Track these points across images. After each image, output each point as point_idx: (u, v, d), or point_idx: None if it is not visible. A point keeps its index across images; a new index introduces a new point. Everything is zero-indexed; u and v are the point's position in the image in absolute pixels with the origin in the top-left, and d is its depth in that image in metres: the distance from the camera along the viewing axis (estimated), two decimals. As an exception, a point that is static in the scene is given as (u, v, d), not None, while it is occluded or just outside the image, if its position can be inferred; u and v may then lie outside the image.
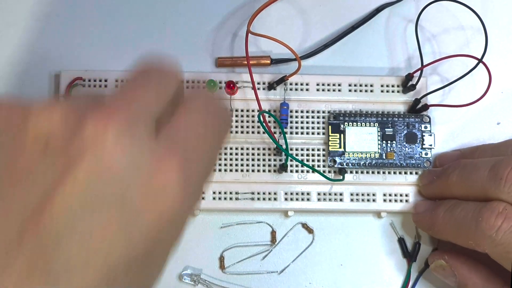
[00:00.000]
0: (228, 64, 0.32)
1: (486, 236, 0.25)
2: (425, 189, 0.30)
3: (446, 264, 0.29)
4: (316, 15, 0.33)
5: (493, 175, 0.26)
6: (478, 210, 0.26)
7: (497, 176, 0.26)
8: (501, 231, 0.25)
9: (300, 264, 0.31)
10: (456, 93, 0.32)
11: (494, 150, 0.29)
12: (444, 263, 0.29)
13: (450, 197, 0.29)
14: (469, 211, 0.27)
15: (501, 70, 0.33)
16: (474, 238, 0.26)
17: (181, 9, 0.33)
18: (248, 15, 0.33)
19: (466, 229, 0.26)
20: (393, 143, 0.31)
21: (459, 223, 0.27)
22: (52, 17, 0.33)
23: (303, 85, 0.32)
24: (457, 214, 0.27)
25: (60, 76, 0.31)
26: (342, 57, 0.33)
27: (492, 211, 0.25)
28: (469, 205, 0.27)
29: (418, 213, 0.30)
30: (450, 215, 0.28)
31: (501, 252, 0.25)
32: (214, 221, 0.31)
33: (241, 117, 0.31)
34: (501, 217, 0.25)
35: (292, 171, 0.31)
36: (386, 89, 0.32)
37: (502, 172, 0.26)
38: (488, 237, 0.25)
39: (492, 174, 0.26)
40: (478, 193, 0.27)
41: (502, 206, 0.26)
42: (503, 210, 0.25)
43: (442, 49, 0.33)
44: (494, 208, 0.26)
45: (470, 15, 0.31)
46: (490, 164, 0.27)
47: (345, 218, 0.31)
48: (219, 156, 0.31)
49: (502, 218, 0.25)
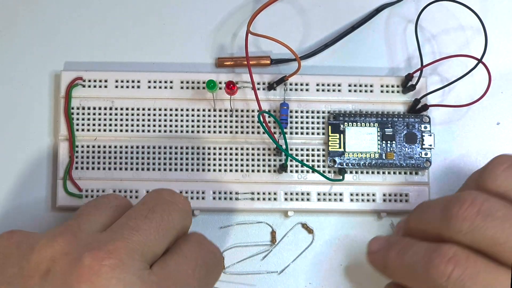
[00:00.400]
0: (228, 64, 0.32)
1: (437, 284, 0.24)
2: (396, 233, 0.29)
3: None
4: (316, 15, 0.33)
5: (445, 213, 0.25)
6: (428, 255, 0.24)
7: (447, 215, 0.25)
8: (452, 279, 0.23)
9: (300, 264, 0.31)
10: (456, 93, 0.32)
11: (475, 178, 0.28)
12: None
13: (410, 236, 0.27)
14: (420, 255, 0.25)
15: (501, 70, 0.33)
16: (426, 285, 0.25)
17: (181, 9, 0.33)
18: (248, 15, 0.33)
19: (418, 275, 0.25)
20: (393, 143, 0.31)
21: (410, 268, 0.25)
22: (52, 17, 0.33)
23: (303, 85, 0.32)
24: (408, 258, 0.26)
25: (60, 76, 0.31)
26: (342, 57, 0.33)
27: (443, 257, 0.24)
28: (421, 247, 0.25)
29: (371, 253, 0.28)
30: (401, 258, 0.26)
31: None
32: (214, 221, 0.31)
33: (241, 117, 0.31)
34: (451, 264, 0.23)
35: (292, 171, 0.31)
36: (386, 89, 0.32)
37: (451, 210, 0.24)
38: (439, 285, 0.24)
39: (444, 212, 0.25)
40: (433, 233, 0.26)
41: (452, 250, 0.24)
42: (453, 255, 0.24)
43: (442, 49, 0.33)
44: (445, 254, 0.24)
45: (470, 15, 0.31)
46: (443, 202, 0.26)
47: (345, 218, 0.31)
48: (219, 157, 0.31)
49: (452, 265, 0.23)
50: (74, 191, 0.30)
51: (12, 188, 0.31)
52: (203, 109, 0.31)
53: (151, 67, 0.32)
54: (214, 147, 0.31)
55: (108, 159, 0.31)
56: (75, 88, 0.31)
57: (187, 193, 0.31)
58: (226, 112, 0.31)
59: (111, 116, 0.31)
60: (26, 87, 0.32)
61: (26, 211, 0.31)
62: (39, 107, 0.32)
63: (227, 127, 0.31)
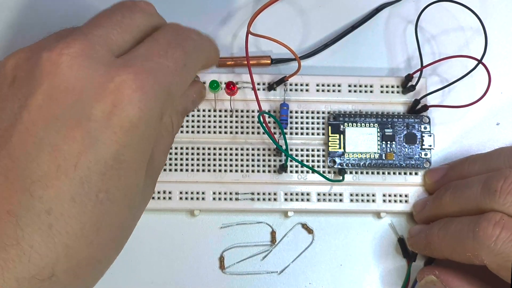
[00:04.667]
0: (228, 64, 0.32)
1: (485, 246, 0.25)
2: (420, 216, 0.30)
3: (437, 280, 0.28)
4: (316, 15, 0.33)
5: (487, 189, 0.26)
6: (474, 222, 0.26)
7: (490, 190, 0.26)
8: (500, 240, 0.24)
9: (300, 264, 0.31)
10: (455, 94, 0.32)
11: (484, 160, 0.29)
12: (435, 278, 0.28)
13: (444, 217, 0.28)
14: (465, 224, 0.26)
15: (500, 70, 0.33)
16: (472, 249, 0.25)
17: (181, 9, 0.33)
18: (248, 15, 0.33)
19: (463, 241, 0.26)
20: (392, 143, 0.31)
21: (455, 237, 0.26)
22: (53, 17, 0.33)
23: (303, 86, 0.32)
24: (452, 228, 0.27)
25: (60, 77, 0.31)
26: (342, 57, 0.33)
27: (489, 221, 0.25)
28: (464, 219, 0.27)
29: (413, 236, 0.30)
30: (445, 231, 0.27)
31: (500, 261, 0.25)
32: (214, 221, 0.31)
33: (241, 117, 0.31)
34: (498, 227, 0.25)
35: (292, 171, 0.31)
36: (385, 89, 0.32)
37: (495, 185, 0.26)
38: (487, 247, 0.25)
39: (485, 189, 0.26)
40: (472, 209, 0.26)
41: (498, 216, 0.25)
42: (500, 220, 0.25)
43: (442, 49, 0.33)
44: (491, 218, 0.25)
45: (469, 16, 0.31)
46: (482, 180, 0.26)
47: (345, 218, 0.31)
48: (219, 157, 0.31)
49: (500, 227, 0.25)
50: (74, 191, 0.30)
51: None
52: (203, 109, 0.31)
53: (151, 67, 0.32)
54: (214, 147, 0.31)
55: (108, 159, 0.31)
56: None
57: (187, 193, 0.31)
58: (226, 112, 0.31)
59: (111, 117, 0.31)
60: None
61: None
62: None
63: (227, 127, 0.31)
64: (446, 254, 0.27)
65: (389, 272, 0.31)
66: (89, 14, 0.24)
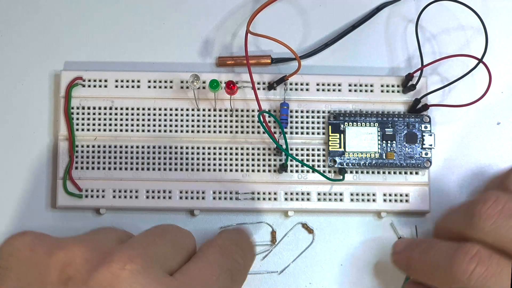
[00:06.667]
0: (228, 64, 0.32)
1: (460, 282, 0.24)
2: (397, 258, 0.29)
3: None
4: (316, 15, 0.33)
5: (468, 212, 0.25)
6: (451, 252, 0.25)
7: (471, 212, 0.25)
8: (474, 276, 0.24)
9: (300, 264, 0.31)
10: (456, 93, 0.32)
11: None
12: None
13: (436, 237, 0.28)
14: (443, 253, 0.26)
15: (501, 70, 0.33)
16: (448, 282, 0.25)
17: (181, 9, 0.33)
18: (248, 15, 0.33)
19: (440, 273, 0.25)
20: (393, 143, 0.31)
21: (433, 266, 0.26)
22: (52, 17, 0.33)
23: (303, 85, 0.32)
24: (431, 255, 0.26)
25: (60, 76, 0.31)
26: (342, 57, 0.33)
27: (465, 255, 0.24)
28: (444, 246, 0.26)
29: (396, 253, 0.29)
30: (425, 256, 0.27)
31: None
32: (214, 221, 0.31)
33: (241, 117, 0.31)
34: (474, 261, 0.24)
35: (292, 171, 0.31)
36: (386, 89, 0.32)
37: (475, 208, 0.25)
38: (462, 282, 0.24)
39: (467, 211, 0.26)
40: (457, 232, 0.26)
41: (475, 249, 0.24)
42: (476, 253, 0.24)
43: (442, 49, 0.33)
44: (468, 251, 0.24)
45: (470, 15, 0.31)
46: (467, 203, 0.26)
47: (345, 218, 0.31)
48: (219, 156, 0.31)
49: (475, 263, 0.24)
50: (74, 191, 0.30)
51: (12, 188, 0.31)
52: (203, 108, 0.31)
53: (151, 67, 0.32)
54: (214, 147, 0.31)
55: (108, 159, 0.31)
56: (75, 88, 0.31)
57: (187, 193, 0.30)
58: (226, 112, 0.31)
59: (111, 116, 0.31)
60: (26, 87, 0.32)
61: (26, 211, 0.31)
62: (39, 107, 0.32)
63: (227, 127, 0.31)
64: (425, 280, 0.27)
65: (389, 272, 0.31)
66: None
